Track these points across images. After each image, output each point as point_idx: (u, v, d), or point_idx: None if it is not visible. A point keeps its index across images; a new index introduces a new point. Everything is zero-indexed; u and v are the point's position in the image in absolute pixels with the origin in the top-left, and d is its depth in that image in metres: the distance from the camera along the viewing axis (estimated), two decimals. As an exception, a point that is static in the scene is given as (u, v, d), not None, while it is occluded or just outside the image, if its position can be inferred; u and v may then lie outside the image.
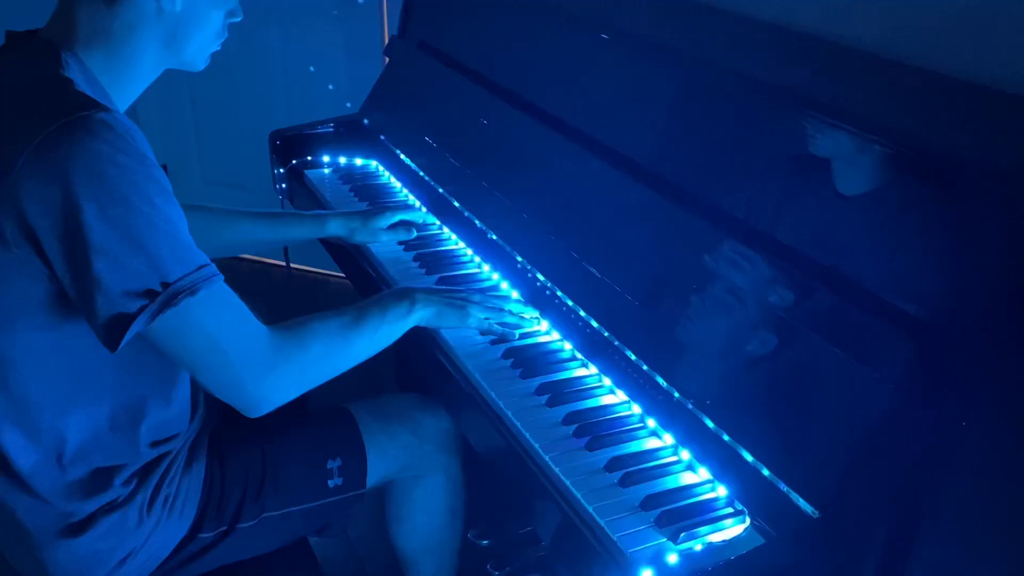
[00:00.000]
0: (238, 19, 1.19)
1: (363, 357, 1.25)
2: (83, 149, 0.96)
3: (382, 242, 1.69)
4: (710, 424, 1.16)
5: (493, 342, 1.40)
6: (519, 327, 1.41)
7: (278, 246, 1.76)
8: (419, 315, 1.32)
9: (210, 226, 1.58)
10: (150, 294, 1.00)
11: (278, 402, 1.15)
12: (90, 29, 1.07)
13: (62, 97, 1.00)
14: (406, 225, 1.71)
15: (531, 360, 1.37)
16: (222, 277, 1.08)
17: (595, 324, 1.38)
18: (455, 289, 1.41)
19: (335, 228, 1.67)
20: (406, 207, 1.79)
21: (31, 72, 1.04)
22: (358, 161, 2.10)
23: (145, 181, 0.99)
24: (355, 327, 1.23)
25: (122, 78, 1.11)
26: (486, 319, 1.38)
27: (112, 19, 1.07)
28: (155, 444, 1.21)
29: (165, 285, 1.01)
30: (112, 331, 1.01)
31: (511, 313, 1.41)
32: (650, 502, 1.10)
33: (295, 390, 1.17)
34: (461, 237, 1.74)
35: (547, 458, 1.18)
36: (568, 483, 1.13)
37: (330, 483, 1.35)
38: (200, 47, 1.16)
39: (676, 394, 1.22)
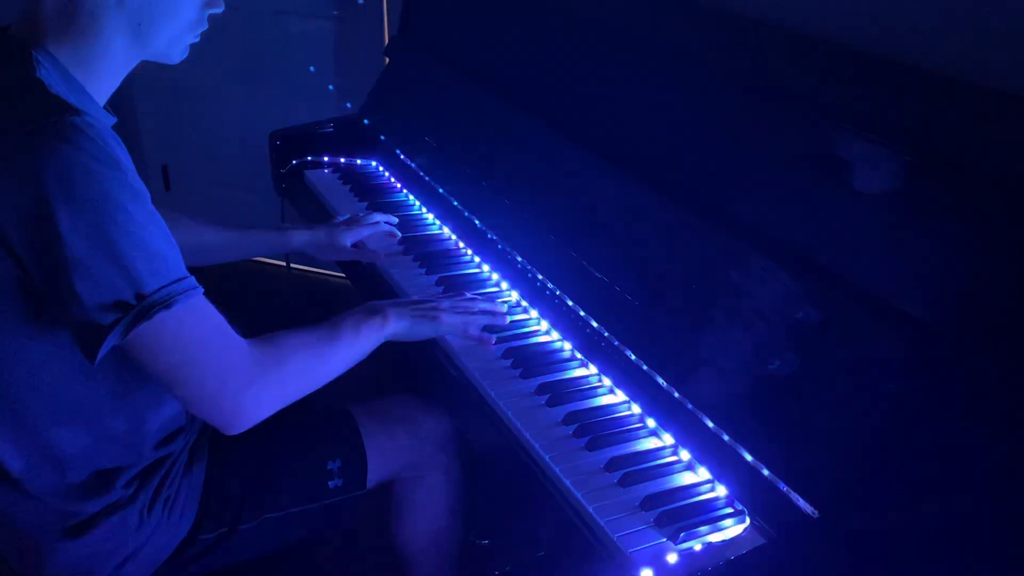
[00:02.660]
0: (219, 10, 1.15)
1: (337, 372, 1.24)
2: (54, 155, 0.93)
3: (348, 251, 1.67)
4: (710, 424, 1.16)
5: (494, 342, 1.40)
6: (495, 327, 1.41)
7: (243, 258, 1.71)
8: (392, 329, 1.30)
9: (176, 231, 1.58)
10: (124, 306, 0.97)
11: (256, 418, 1.12)
12: (56, 21, 1.04)
13: (34, 101, 0.97)
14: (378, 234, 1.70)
15: (531, 360, 1.37)
16: (201, 290, 1.05)
17: (595, 324, 1.38)
18: (422, 300, 1.39)
19: (298, 243, 1.68)
20: (373, 223, 1.70)
21: (2, 74, 1.01)
22: (358, 161, 2.10)
23: (118, 188, 0.96)
24: (331, 342, 1.22)
25: (95, 71, 1.07)
26: (460, 325, 1.37)
27: (74, 9, 1.03)
28: (155, 447, 1.21)
29: (140, 297, 0.98)
30: (89, 343, 0.99)
31: (483, 313, 1.41)
32: (650, 502, 1.10)
33: (273, 405, 1.14)
34: (461, 237, 1.74)
35: (547, 458, 1.18)
36: (568, 483, 1.14)
37: (330, 484, 1.35)
38: (173, 38, 1.11)
39: (676, 394, 1.22)
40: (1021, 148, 1.08)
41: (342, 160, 2.10)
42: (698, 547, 1.06)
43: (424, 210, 1.88)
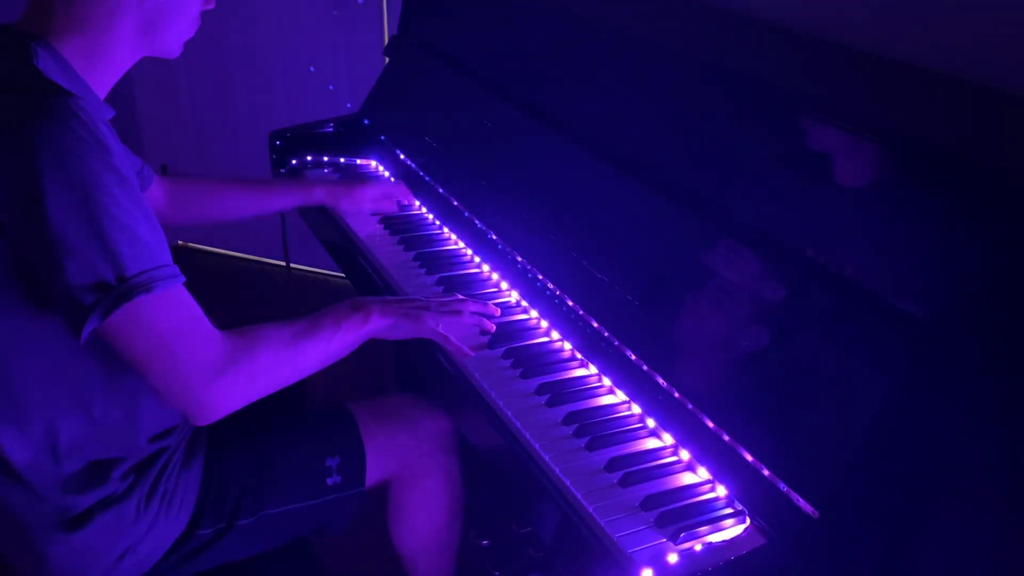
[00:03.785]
0: (210, 7, 1.18)
1: (314, 368, 1.23)
2: (46, 134, 0.96)
3: (365, 216, 1.81)
4: (710, 424, 1.16)
5: (489, 344, 1.39)
6: (487, 331, 1.38)
7: (268, 213, 1.81)
8: (374, 326, 1.29)
9: (202, 197, 1.67)
10: (106, 288, 0.99)
11: (225, 410, 1.13)
12: (67, 18, 1.07)
13: (28, 83, 1.00)
14: (389, 198, 1.85)
15: (531, 360, 1.36)
16: (182, 279, 1.07)
17: (595, 324, 1.38)
18: (411, 299, 1.37)
19: (321, 196, 1.79)
20: (387, 181, 1.90)
21: (1, 63, 1.04)
22: (358, 161, 2.10)
23: (105, 170, 0.99)
24: (308, 337, 1.21)
25: (99, 65, 1.10)
26: (441, 330, 1.34)
27: (91, 8, 1.07)
28: (152, 439, 1.21)
29: (121, 280, 1.00)
30: (73, 323, 1.01)
31: (471, 314, 1.39)
32: (650, 502, 1.10)
33: (243, 398, 1.14)
34: (461, 237, 1.74)
35: (547, 458, 1.18)
36: (568, 483, 1.13)
37: (329, 481, 1.35)
38: (177, 35, 1.15)
39: (676, 394, 1.22)
40: (1017, 144, 1.08)
41: (342, 160, 2.10)
42: (698, 547, 1.06)
43: (424, 210, 1.88)
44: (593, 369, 1.35)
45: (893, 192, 1.12)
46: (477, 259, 1.67)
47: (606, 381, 1.33)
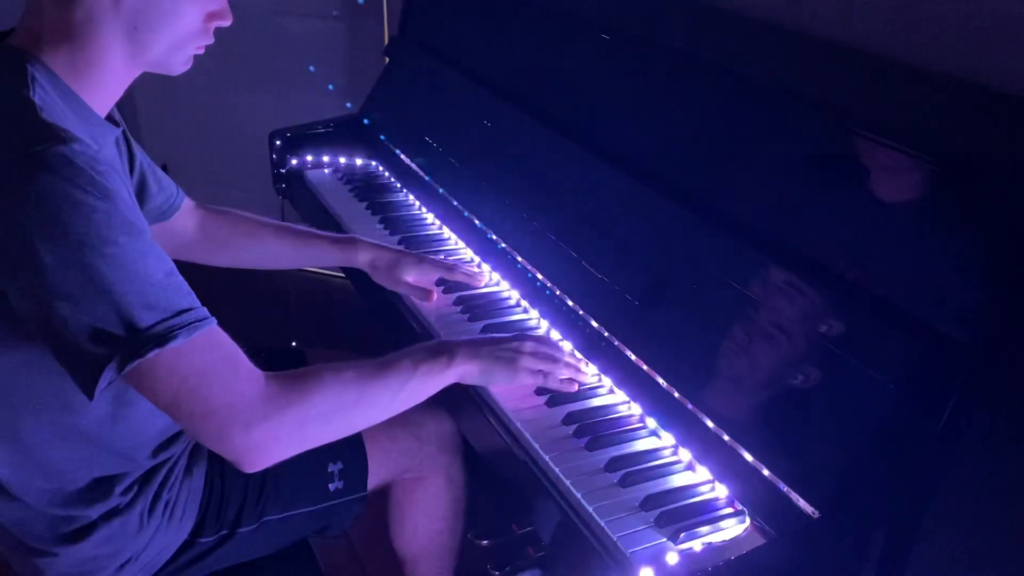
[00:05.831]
0: (226, 23, 1.10)
1: (383, 415, 1.14)
2: (37, 185, 0.89)
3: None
4: (710, 424, 1.16)
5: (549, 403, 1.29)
6: (577, 384, 1.29)
7: (303, 267, 1.65)
8: (460, 371, 1.19)
9: (237, 239, 1.56)
10: (116, 342, 0.92)
11: (274, 456, 1.03)
12: (54, 28, 1.00)
13: (22, 127, 0.93)
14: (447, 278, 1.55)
15: (531, 360, 1.36)
16: (210, 322, 0.99)
17: (595, 324, 1.38)
18: (503, 337, 1.27)
19: (362, 263, 1.57)
20: (444, 264, 1.56)
21: None
22: (358, 161, 2.10)
23: (107, 220, 0.91)
24: (375, 381, 1.12)
25: (93, 80, 1.04)
26: (539, 372, 1.26)
27: (71, 14, 1.00)
28: (153, 454, 1.21)
29: (134, 332, 0.92)
30: (84, 380, 0.94)
31: (567, 365, 1.29)
32: (650, 502, 1.10)
33: (293, 445, 1.05)
34: (461, 237, 1.74)
35: (547, 458, 1.18)
36: (568, 483, 1.13)
37: (331, 486, 1.35)
38: (171, 46, 1.06)
39: (676, 394, 1.22)
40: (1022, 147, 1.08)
41: (342, 160, 2.10)
42: (698, 547, 1.06)
43: (424, 210, 1.88)
44: (593, 369, 1.35)
45: (892, 194, 1.12)
46: (477, 259, 1.67)
47: (606, 381, 1.33)
